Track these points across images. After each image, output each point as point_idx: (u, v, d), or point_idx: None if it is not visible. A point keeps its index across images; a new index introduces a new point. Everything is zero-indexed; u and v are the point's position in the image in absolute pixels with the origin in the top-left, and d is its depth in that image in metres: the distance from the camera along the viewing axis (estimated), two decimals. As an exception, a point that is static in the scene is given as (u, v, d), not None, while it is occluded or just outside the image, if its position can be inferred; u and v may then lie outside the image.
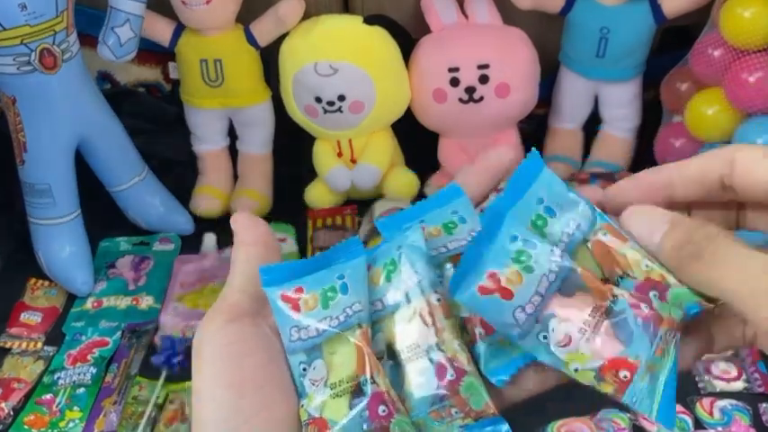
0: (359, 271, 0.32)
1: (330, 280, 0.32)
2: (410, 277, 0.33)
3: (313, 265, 0.33)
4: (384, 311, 0.33)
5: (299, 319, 0.31)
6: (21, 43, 0.77)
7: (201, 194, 1.01)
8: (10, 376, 0.80)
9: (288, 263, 0.33)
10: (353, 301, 0.32)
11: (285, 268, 0.32)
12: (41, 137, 0.84)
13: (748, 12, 0.80)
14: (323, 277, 0.32)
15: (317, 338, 0.31)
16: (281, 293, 0.32)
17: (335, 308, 0.31)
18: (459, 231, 0.35)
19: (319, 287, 0.32)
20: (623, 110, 1.00)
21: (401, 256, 0.33)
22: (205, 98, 0.97)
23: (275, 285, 0.32)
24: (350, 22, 0.92)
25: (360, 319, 0.31)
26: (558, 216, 0.34)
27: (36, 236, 0.89)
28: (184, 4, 0.89)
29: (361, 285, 0.32)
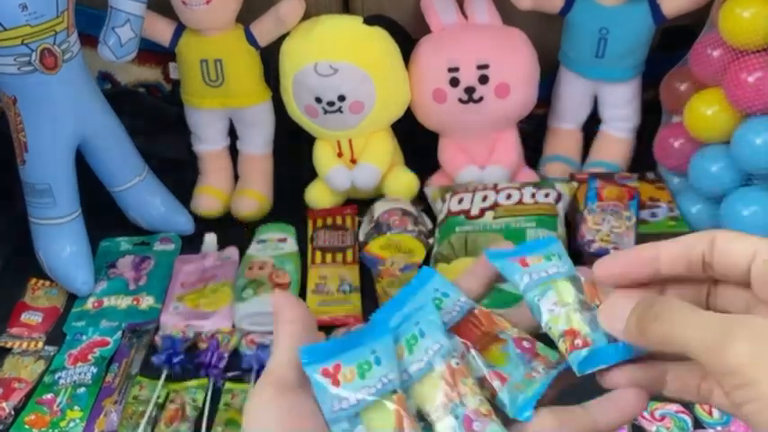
0: (389, 345, 0.36)
1: (365, 355, 0.36)
2: (431, 346, 0.36)
3: (347, 343, 0.36)
4: (410, 381, 0.36)
5: (338, 391, 0.34)
6: (21, 43, 0.77)
7: (202, 194, 1.01)
8: (11, 376, 0.80)
9: (325, 342, 0.36)
10: (387, 371, 0.35)
11: (323, 348, 0.36)
12: (42, 137, 0.84)
13: (747, 12, 0.80)
14: (358, 353, 0.36)
15: (357, 407, 0.34)
16: (322, 370, 0.35)
17: (372, 378, 0.35)
18: (555, 260, 0.40)
19: (355, 361, 0.35)
20: (622, 110, 1.00)
21: (420, 329, 0.37)
22: (205, 98, 0.97)
23: (315, 363, 0.35)
24: (350, 23, 0.92)
25: (395, 386, 0.35)
26: (451, 296, 0.40)
27: (37, 236, 0.89)
28: (185, 5, 0.89)
29: (392, 357, 0.36)
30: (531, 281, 0.38)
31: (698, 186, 0.88)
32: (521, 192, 0.92)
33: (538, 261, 0.39)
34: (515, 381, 0.37)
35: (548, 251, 0.40)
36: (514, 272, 0.39)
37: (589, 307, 0.38)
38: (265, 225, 0.98)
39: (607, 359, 0.36)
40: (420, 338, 0.37)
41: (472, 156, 0.98)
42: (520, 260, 0.40)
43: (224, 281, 0.90)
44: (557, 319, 0.37)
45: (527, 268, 0.39)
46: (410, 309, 0.39)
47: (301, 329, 0.37)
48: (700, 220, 0.88)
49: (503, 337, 0.38)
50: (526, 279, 0.39)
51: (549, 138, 1.05)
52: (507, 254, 0.40)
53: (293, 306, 0.38)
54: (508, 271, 0.39)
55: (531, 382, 0.37)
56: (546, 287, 0.38)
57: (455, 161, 0.99)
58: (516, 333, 0.39)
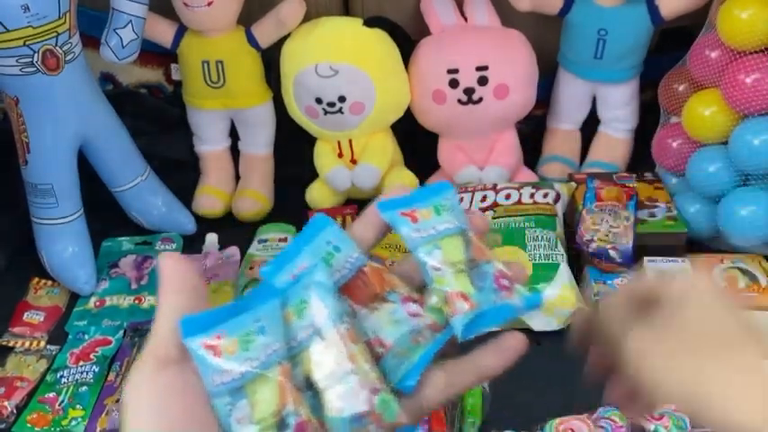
0: (274, 313, 0.35)
1: (248, 325, 0.34)
2: (320, 312, 0.35)
3: (231, 311, 0.34)
4: (299, 347, 0.35)
5: (220, 363, 0.33)
6: (24, 44, 0.78)
7: (203, 194, 1.01)
8: (13, 375, 0.80)
9: (206, 312, 0.34)
10: (271, 341, 0.34)
11: (204, 318, 0.34)
12: (44, 137, 0.84)
13: (746, 13, 0.81)
14: (241, 323, 0.34)
15: (239, 380, 0.33)
16: (203, 342, 0.33)
17: (255, 350, 0.34)
18: (445, 215, 0.38)
19: (238, 332, 0.34)
20: (621, 111, 1.00)
21: (310, 294, 0.36)
22: (207, 99, 0.98)
23: (196, 335, 0.33)
24: (350, 24, 0.93)
25: (279, 357, 0.34)
26: (343, 251, 0.38)
27: (39, 236, 0.90)
28: (186, 6, 0.90)
29: (277, 326, 0.35)
30: (420, 237, 0.38)
31: (696, 186, 0.89)
32: (520, 192, 0.92)
33: (427, 216, 0.38)
34: (399, 347, 0.36)
35: (439, 202, 0.39)
36: (403, 227, 0.38)
37: (477, 265, 0.37)
38: (266, 225, 0.98)
39: (492, 321, 0.36)
40: (309, 302, 0.36)
41: (471, 156, 0.99)
42: (410, 213, 0.38)
43: (225, 280, 0.90)
44: (442, 279, 0.37)
45: (416, 224, 0.38)
46: (301, 267, 0.37)
47: (186, 300, 0.35)
48: (698, 220, 0.89)
49: (390, 298, 0.37)
50: (414, 235, 0.38)
51: (547, 138, 1.05)
52: (397, 204, 0.39)
53: (180, 274, 0.36)
54: (397, 225, 0.38)
55: (416, 348, 0.36)
56: (433, 245, 0.37)
57: (454, 161, 0.99)
58: (406, 292, 0.38)
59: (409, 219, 0.38)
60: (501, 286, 0.37)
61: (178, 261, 0.36)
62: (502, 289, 0.37)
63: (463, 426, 0.73)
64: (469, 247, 0.38)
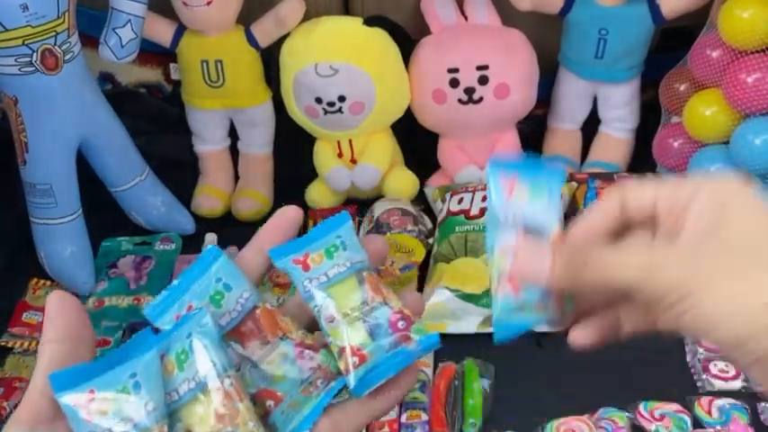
0: (151, 366, 0.33)
1: (122, 380, 0.32)
2: (204, 365, 0.34)
3: (104, 365, 0.32)
4: (180, 401, 0.33)
5: (95, 423, 0.31)
6: (22, 44, 0.78)
7: (202, 194, 1.01)
8: (12, 375, 0.80)
9: (79, 366, 0.32)
10: (147, 398, 0.32)
11: (76, 372, 0.32)
12: (43, 137, 0.84)
13: (747, 13, 0.81)
14: (114, 377, 0.32)
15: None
16: (74, 399, 0.31)
17: (130, 410, 0.32)
18: (337, 256, 0.37)
19: (111, 388, 0.32)
20: (622, 110, 1.00)
21: (192, 343, 0.34)
22: (206, 99, 0.97)
23: (66, 390, 0.31)
24: (350, 24, 0.92)
25: (156, 418, 0.32)
26: (234, 289, 0.36)
27: (38, 236, 0.89)
28: (185, 5, 0.90)
29: (154, 381, 0.33)
30: (312, 287, 0.37)
31: (697, 186, 0.88)
32: (520, 192, 0.92)
33: (318, 260, 0.37)
34: (291, 399, 0.35)
35: (332, 242, 0.37)
36: (296, 275, 0.37)
37: (371, 309, 0.36)
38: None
39: (387, 371, 0.35)
40: (192, 353, 0.34)
41: (472, 156, 0.99)
42: (302, 261, 0.37)
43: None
44: (336, 332, 0.35)
45: (307, 272, 0.37)
46: (187, 307, 0.35)
47: (68, 349, 0.33)
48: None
49: (283, 345, 0.36)
50: (307, 285, 0.37)
51: (548, 138, 1.05)
52: (290, 249, 0.38)
53: (62, 318, 0.33)
54: (291, 273, 0.37)
55: (308, 399, 0.35)
56: (326, 295, 0.36)
57: (455, 161, 0.99)
58: (299, 337, 0.36)
59: (301, 267, 0.37)
60: (396, 329, 0.36)
61: (65, 302, 0.34)
62: (396, 332, 0.36)
63: (463, 426, 0.73)
64: (364, 288, 0.37)
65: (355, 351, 0.35)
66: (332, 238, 0.38)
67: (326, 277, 0.37)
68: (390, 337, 0.35)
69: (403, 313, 0.36)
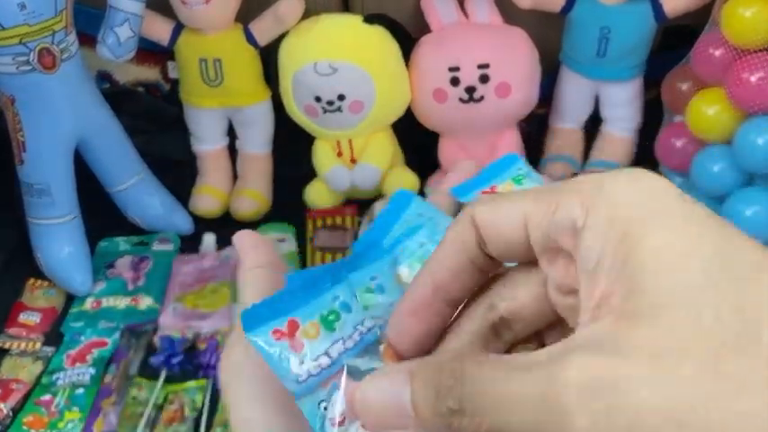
0: (390, 270, 0.31)
1: (366, 281, 0.30)
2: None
3: (347, 266, 0.30)
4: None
5: (304, 353, 0.28)
6: (19, 43, 0.77)
7: (201, 194, 1.00)
8: (9, 377, 0.80)
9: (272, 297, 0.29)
10: (391, 300, 0.29)
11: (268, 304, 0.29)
12: (40, 137, 0.84)
13: (750, 11, 0.80)
14: (358, 279, 0.30)
15: (332, 369, 0.28)
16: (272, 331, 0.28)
17: (377, 308, 0.29)
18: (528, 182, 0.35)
19: (360, 286, 0.30)
20: (624, 109, 1.00)
21: (426, 251, 0.31)
22: (204, 98, 0.97)
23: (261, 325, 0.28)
24: (350, 22, 0.92)
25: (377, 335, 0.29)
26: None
27: (35, 236, 0.89)
28: (184, 4, 0.89)
29: (392, 285, 0.30)
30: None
31: (700, 186, 0.88)
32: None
33: (510, 189, 0.34)
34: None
35: (515, 172, 0.35)
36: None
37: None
38: (264, 225, 0.97)
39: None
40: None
41: (473, 155, 0.98)
42: (490, 192, 0.34)
43: (223, 281, 0.89)
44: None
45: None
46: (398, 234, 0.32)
47: (269, 274, 0.32)
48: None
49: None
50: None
51: (550, 137, 1.04)
52: (473, 186, 0.35)
53: (258, 247, 0.33)
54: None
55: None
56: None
57: (455, 161, 0.99)
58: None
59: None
60: None
61: (254, 237, 0.34)
62: None
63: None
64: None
65: None
66: (514, 170, 0.35)
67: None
68: None
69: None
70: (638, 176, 0.23)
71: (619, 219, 0.22)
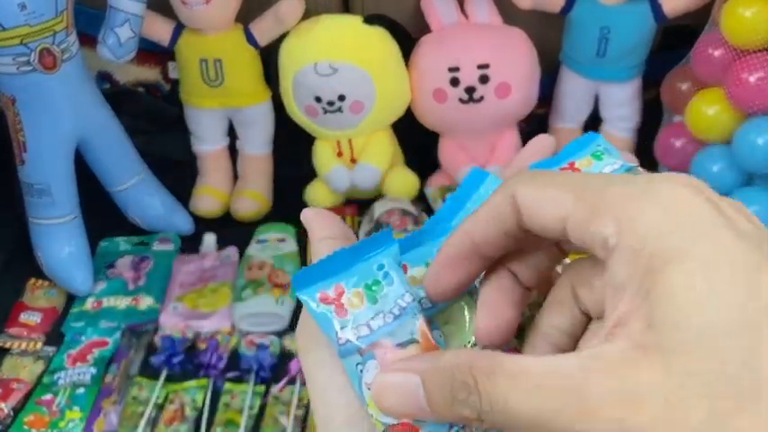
0: (397, 260, 0.30)
1: (430, 255, 0.30)
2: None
3: (413, 240, 0.31)
4: (434, 308, 0.30)
5: (347, 319, 0.29)
6: (20, 43, 0.77)
7: (201, 194, 1.00)
8: (9, 377, 0.80)
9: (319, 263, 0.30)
10: (403, 291, 0.29)
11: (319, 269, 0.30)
12: (41, 137, 0.84)
13: (749, 11, 0.80)
14: (422, 253, 0.31)
15: (430, 310, 0.30)
16: (320, 294, 0.29)
17: (384, 301, 0.29)
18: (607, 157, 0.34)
19: (421, 263, 0.31)
20: (623, 109, 1.00)
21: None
22: (205, 98, 0.97)
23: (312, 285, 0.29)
24: (350, 22, 0.92)
25: (415, 312, 0.29)
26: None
27: (35, 236, 0.89)
28: (184, 4, 0.89)
29: (403, 275, 0.30)
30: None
31: (699, 186, 0.88)
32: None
33: (588, 165, 0.34)
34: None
35: (594, 148, 0.34)
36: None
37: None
38: (265, 225, 0.97)
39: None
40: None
41: (473, 155, 0.98)
42: (568, 167, 0.33)
43: (223, 281, 0.89)
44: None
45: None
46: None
47: (341, 244, 0.31)
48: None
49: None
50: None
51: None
52: (548, 164, 0.34)
53: (328, 219, 0.32)
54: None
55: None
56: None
57: (455, 161, 0.99)
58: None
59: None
60: None
61: (323, 210, 0.33)
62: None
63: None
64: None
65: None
66: (593, 146, 0.35)
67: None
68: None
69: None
70: (676, 196, 0.23)
71: (647, 251, 0.22)
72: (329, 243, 0.31)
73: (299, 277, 0.29)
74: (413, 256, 0.31)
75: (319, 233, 0.32)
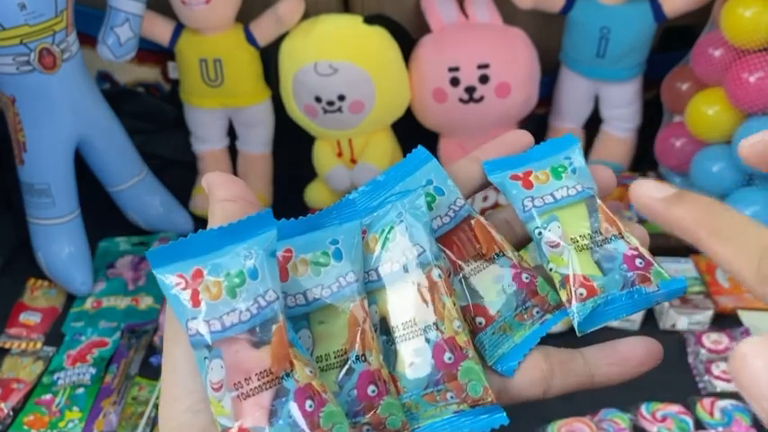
0: (353, 236, 0.30)
1: (323, 244, 0.29)
2: (409, 248, 0.30)
3: (303, 226, 0.30)
4: (378, 283, 0.30)
5: (295, 281, 0.29)
6: (20, 43, 0.77)
7: (201, 194, 1.01)
8: (9, 377, 0.80)
9: (279, 222, 0.29)
10: (347, 270, 0.29)
11: (280, 225, 0.29)
12: (41, 137, 0.84)
13: (749, 11, 0.80)
14: (315, 240, 0.29)
15: (305, 307, 0.29)
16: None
17: (328, 276, 0.29)
18: (566, 178, 0.33)
19: (310, 251, 0.29)
20: (624, 109, 1.00)
21: (402, 223, 0.30)
22: (205, 98, 0.97)
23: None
24: (350, 22, 0.92)
25: (356, 291, 0.29)
26: (446, 195, 0.33)
27: (35, 236, 0.89)
28: (184, 4, 0.89)
29: (356, 252, 0.30)
30: (534, 207, 0.32)
31: (699, 186, 0.88)
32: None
33: (545, 179, 0.32)
34: (503, 321, 0.31)
35: (559, 162, 0.33)
36: (514, 195, 0.32)
37: (605, 240, 0.31)
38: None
39: (619, 312, 0.30)
40: (399, 235, 0.30)
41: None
42: (522, 176, 0.32)
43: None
44: (559, 259, 0.31)
45: (529, 190, 0.32)
46: (394, 192, 0.31)
47: (241, 208, 0.30)
48: (701, 220, 0.88)
49: (498, 263, 0.32)
50: (527, 205, 0.32)
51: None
52: (508, 164, 0.33)
53: (231, 183, 0.31)
54: (507, 190, 0.32)
55: (521, 327, 0.31)
56: (550, 216, 0.31)
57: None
58: (516, 259, 0.32)
59: (521, 183, 0.32)
60: (633, 267, 0.30)
61: (227, 175, 0.32)
62: (633, 270, 0.30)
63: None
64: (596, 217, 0.31)
65: (582, 282, 0.30)
66: (560, 158, 0.33)
67: (553, 198, 0.32)
68: (626, 273, 0.30)
69: (640, 252, 0.31)
70: None
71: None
72: (227, 206, 0.30)
73: (158, 253, 0.27)
74: (304, 241, 0.29)
75: (219, 194, 0.30)
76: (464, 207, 0.32)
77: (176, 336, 0.28)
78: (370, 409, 0.28)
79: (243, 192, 0.30)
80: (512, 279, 0.31)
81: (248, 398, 0.26)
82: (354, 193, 0.32)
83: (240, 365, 0.26)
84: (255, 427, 0.26)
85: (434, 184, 0.32)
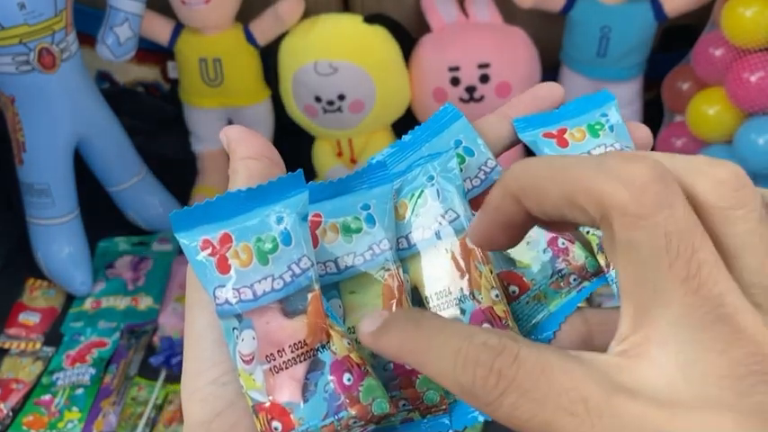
0: (386, 201, 0.28)
1: (353, 210, 0.27)
2: (442, 213, 0.28)
3: (330, 189, 0.28)
4: (409, 251, 0.28)
5: (317, 250, 0.27)
6: (19, 42, 0.77)
7: (200, 194, 1.00)
8: (8, 377, 0.80)
9: (309, 184, 0.27)
10: (381, 237, 0.27)
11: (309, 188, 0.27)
12: (40, 137, 0.84)
13: (750, 11, 0.80)
14: (345, 205, 0.27)
15: (336, 275, 0.27)
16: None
17: (360, 243, 0.27)
18: (604, 136, 0.31)
19: (340, 215, 0.27)
20: (624, 109, 1.00)
21: (433, 187, 0.29)
22: (204, 97, 0.97)
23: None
24: (350, 22, 0.92)
25: (388, 259, 0.27)
26: (476, 156, 0.31)
27: (35, 236, 0.89)
28: (184, 4, 0.89)
29: (389, 218, 0.28)
30: None
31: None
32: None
33: (580, 137, 0.31)
34: (539, 289, 0.29)
35: (596, 119, 0.31)
36: (547, 152, 0.30)
37: None
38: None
39: None
40: (431, 199, 0.28)
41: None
42: (557, 134, 0.30)
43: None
44: None
45: (565, 149, 0.30)
46: (422, 154, 0.29)
47: (265, 167, 0.28)
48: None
49: (534, 229, 0.29)
50: None
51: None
52: (540, 122, 0.31)
53: (254, 138, 0.29)
54: (541, 150, 0.31)
55: (557, 294, 0.29)
56: None
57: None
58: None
59: (555, 141, 0.31)
60: None
61: (248, 130, 0.29)
62: None
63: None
64: None
65: None
66: (596, 114, 0.32)
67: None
68: None
69: None
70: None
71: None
72: (251, 164, 0.28)
73: (182, 215, 0.25)
74: (333, 205, 0.28)
75: (241, 151, 0.28)
76: (495, 169, 0.30)
77: (200, 303, 0.26)
78: (408, 385, 0.27)
79: (266, 148, 0.28)
80: (547, 244, 0.29)
81: (281, 371, 0.25)
82: (379, 155, 0.30)
83: (272, 336, 0.25)
84: (289, 402, 0.25)
85: (464, 144, 0.30)
